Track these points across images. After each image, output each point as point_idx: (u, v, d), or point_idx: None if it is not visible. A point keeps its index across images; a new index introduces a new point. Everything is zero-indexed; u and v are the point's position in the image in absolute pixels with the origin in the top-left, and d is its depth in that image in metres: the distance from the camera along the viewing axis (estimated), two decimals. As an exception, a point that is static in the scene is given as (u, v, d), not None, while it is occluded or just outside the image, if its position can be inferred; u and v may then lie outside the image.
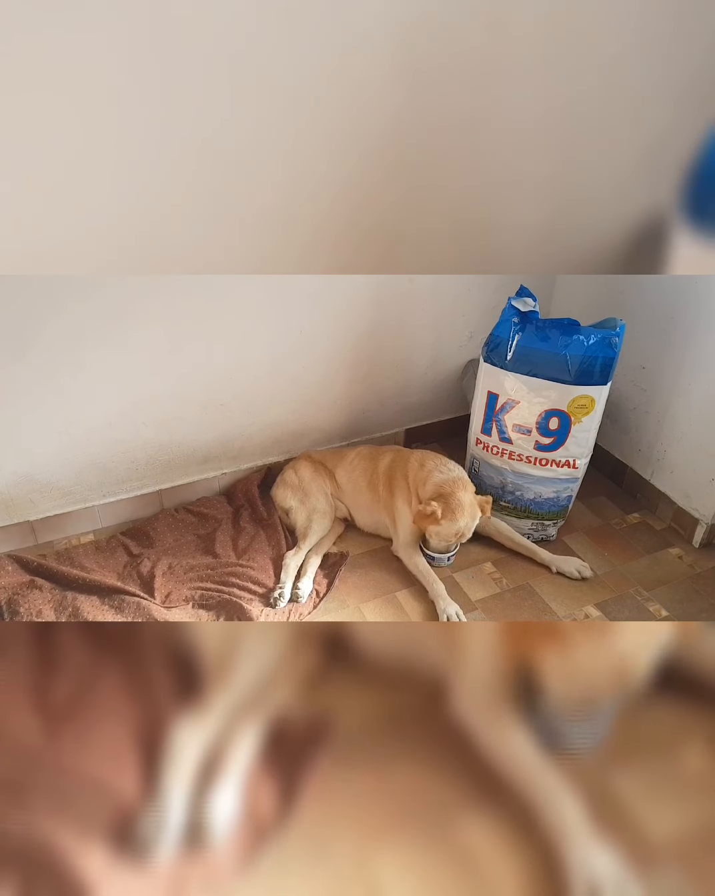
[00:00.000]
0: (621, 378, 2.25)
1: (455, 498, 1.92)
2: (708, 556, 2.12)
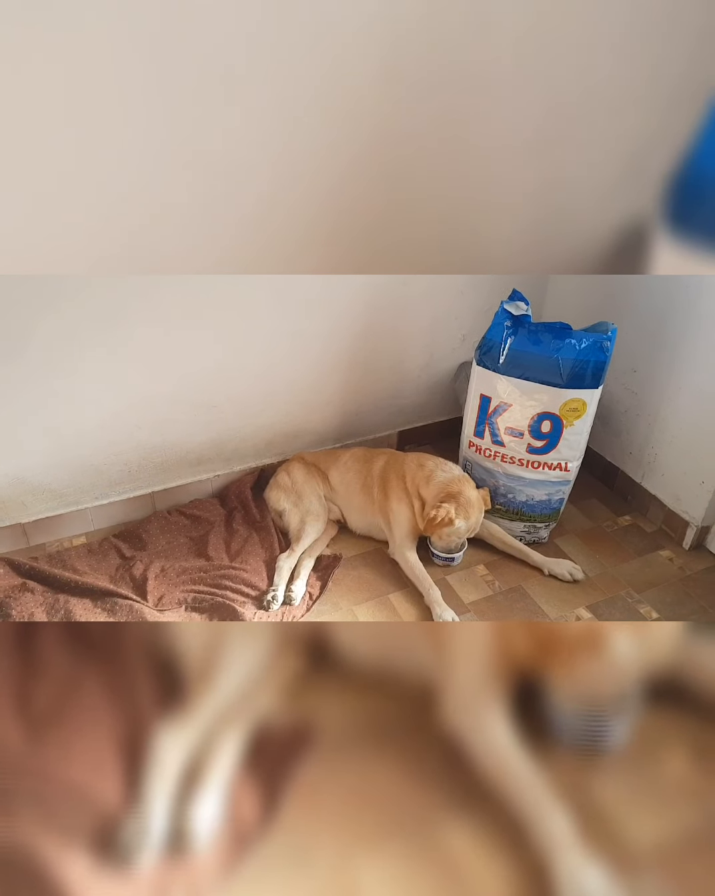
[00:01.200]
0: (613, 381, 2.27)
1: (464, 496, 1.94)
2: (698, 558, 2.14)
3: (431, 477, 2.02)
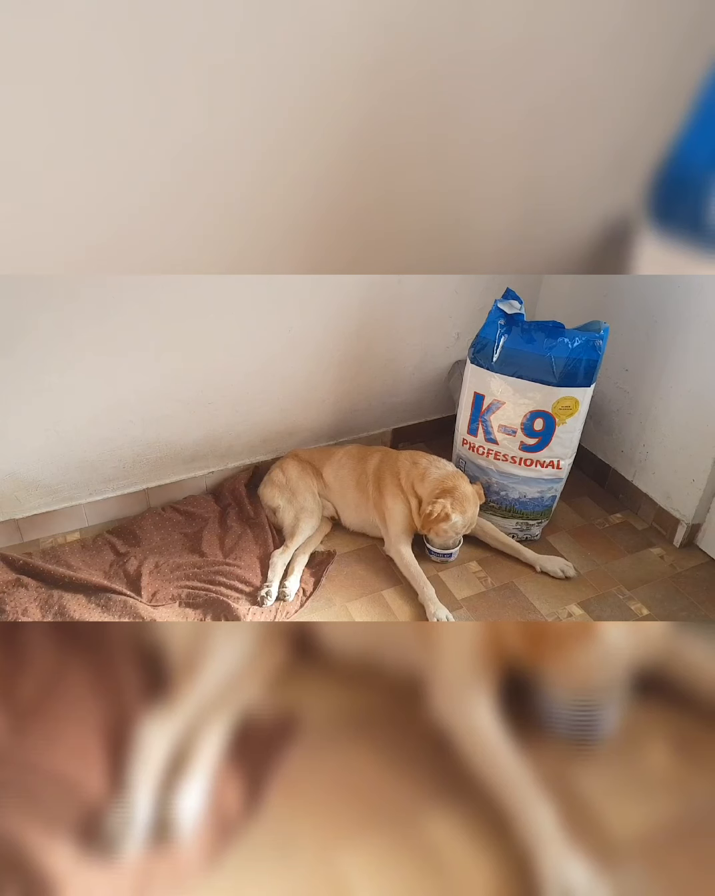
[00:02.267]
0: (605, 380, 2.29)
1: (459, 491, 1.96)
2: (688, 555, 2.16)
3: (426, 474, 2.03)
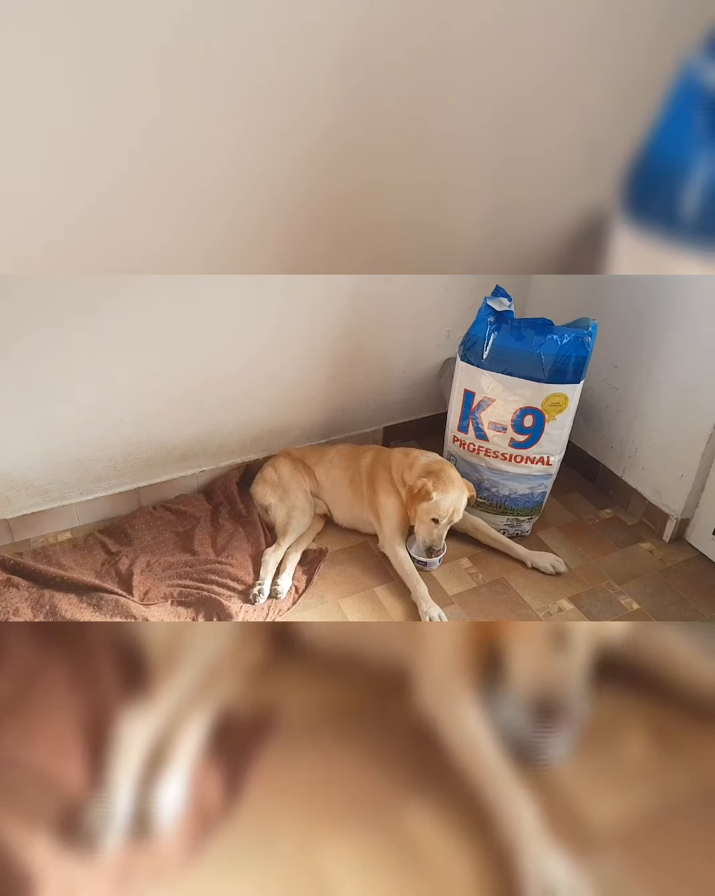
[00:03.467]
0: (594, 377, 2.30)
1: (445, 473, 1.95)
2: (678, 550, 2.18)
3: (415, 461, 2.05)
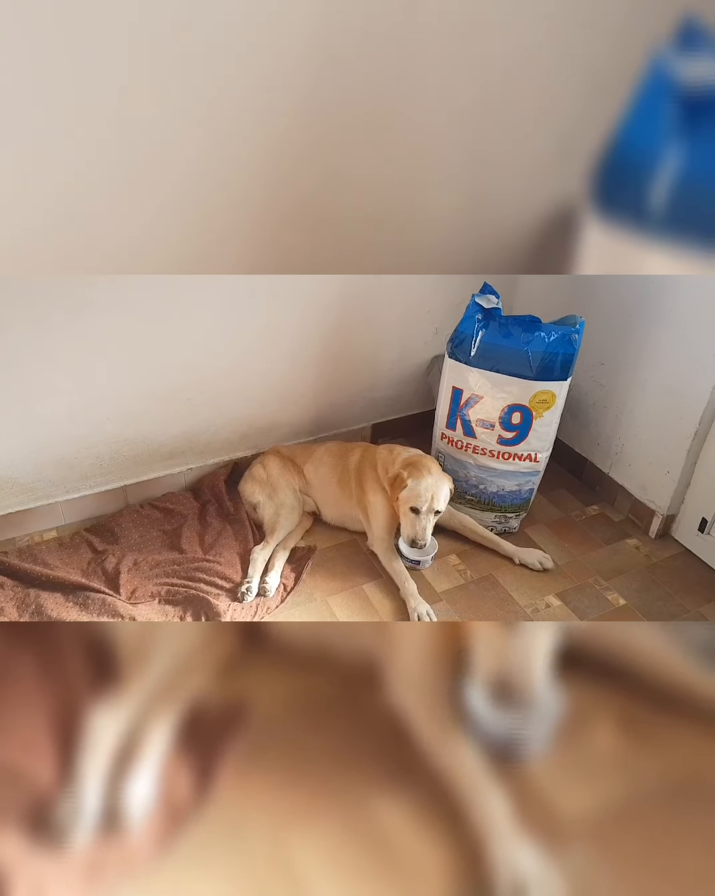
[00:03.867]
0: (581, 374, 2.32)
1: (422, 463, 1.97)
2: (664, 546, 2.20)
3: (397, 459, 2.06)
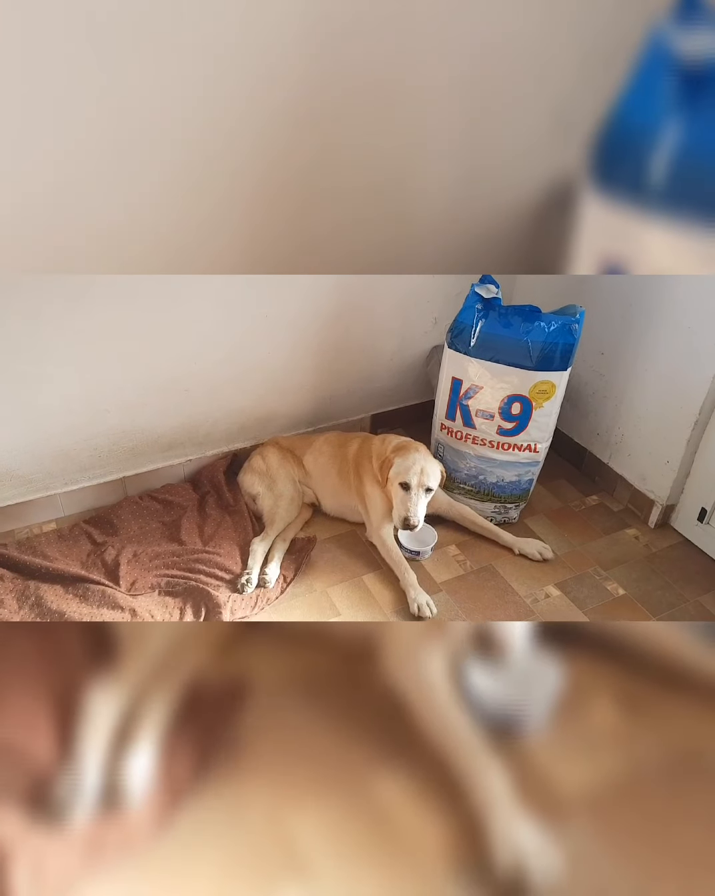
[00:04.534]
0: (581, 364, 2.31)
1: (410, 445, 2.00)
2: (663, 535, 2.20)
3: (389, 447, 2.07)
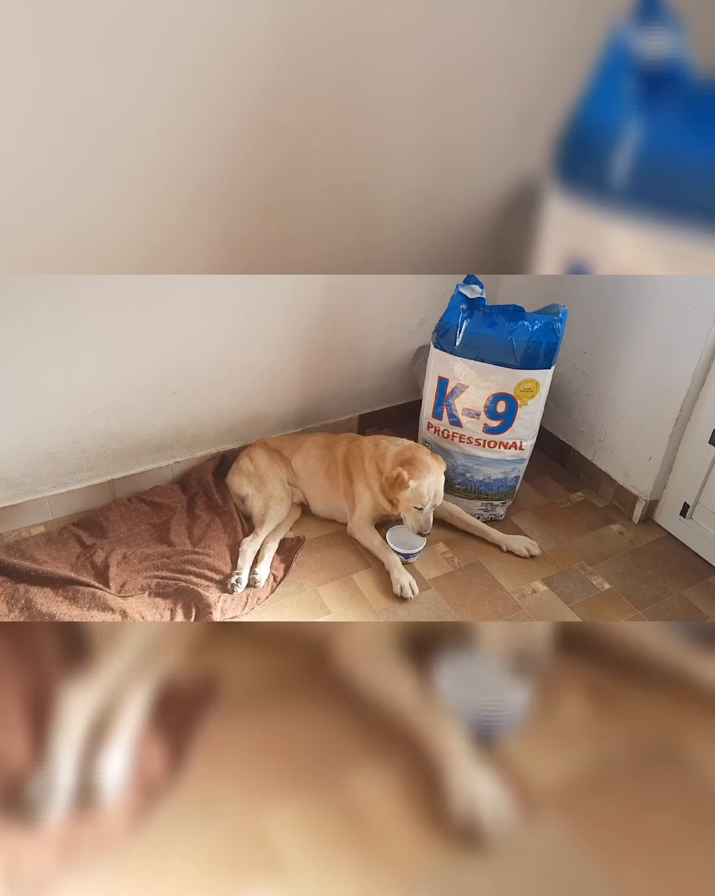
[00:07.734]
0: (564, 362, 2.34)
1: (418, 459, 1.98)
2: (647, 531, 2.24)
3: (386, 451, 2.07)
